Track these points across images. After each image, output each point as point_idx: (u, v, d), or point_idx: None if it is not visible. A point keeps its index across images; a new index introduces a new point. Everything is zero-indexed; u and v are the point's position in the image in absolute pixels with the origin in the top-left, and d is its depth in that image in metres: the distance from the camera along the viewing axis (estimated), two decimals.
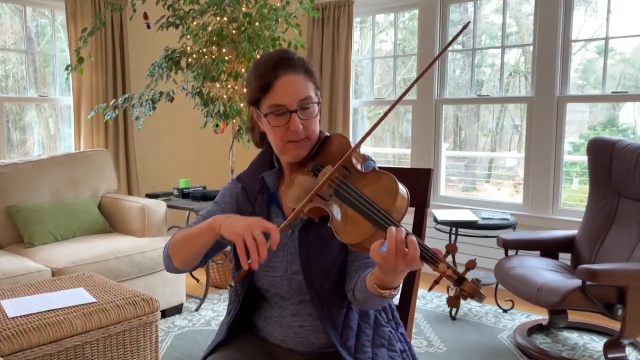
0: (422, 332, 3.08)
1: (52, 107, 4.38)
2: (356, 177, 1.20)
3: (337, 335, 1.27)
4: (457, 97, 4.38)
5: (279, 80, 1.24)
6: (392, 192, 1.12)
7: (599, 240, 2.99)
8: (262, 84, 1.25)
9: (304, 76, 1.27)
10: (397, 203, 1.11)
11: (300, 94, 1.25)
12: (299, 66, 1.26)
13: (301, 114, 1.25)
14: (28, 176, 3.33)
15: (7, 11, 4.10)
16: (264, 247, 1.07)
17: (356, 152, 1.24)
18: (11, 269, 2.68)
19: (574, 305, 2.53)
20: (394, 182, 1.14)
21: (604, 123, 4.07)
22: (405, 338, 1.39)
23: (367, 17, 4.77)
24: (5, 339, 1.83)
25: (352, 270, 1.29)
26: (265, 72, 1.24)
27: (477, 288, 1.01)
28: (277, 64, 1.24)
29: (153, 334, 2.25)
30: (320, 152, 1.31)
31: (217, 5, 3.49)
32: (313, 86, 1.29)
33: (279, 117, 1.25)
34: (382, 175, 1.17)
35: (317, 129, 1.31)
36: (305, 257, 1.27)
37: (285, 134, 1.25)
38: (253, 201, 1.35)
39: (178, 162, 4.86)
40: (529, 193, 3.85)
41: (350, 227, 1.12)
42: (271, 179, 1.34)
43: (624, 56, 3.84)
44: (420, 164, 4.33)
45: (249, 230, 1.08)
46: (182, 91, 3.68)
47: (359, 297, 1.22)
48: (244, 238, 1.07)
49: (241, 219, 1.14)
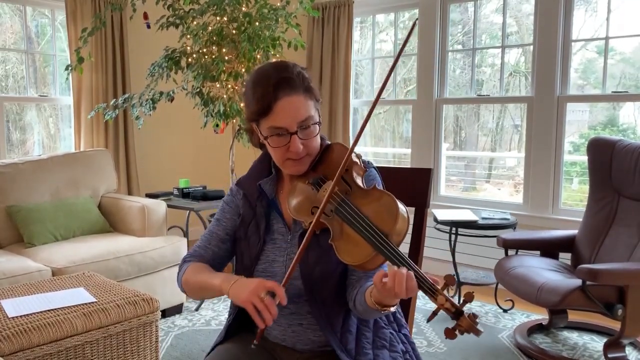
0: (422, 332, 3.08)
1: (52, 107, 4.38)
2: (357, 194, 1.19)
3: (336, 340, 1.27)
4: (457, 97, 4.38)
5: (279, 102, 1.21)
6: (393, 214, 1.12)
7: (599, 240, 2.99)
8: (261, 107, 1.23)
9: (304, 95, 1.24)
10: (397, 226, 1.11)
11: (300, 115, 1.23)
12: (299, 86, 1.24)
13: (301, 134, 1.24)
14: (28, 176, 3.33)
15: (7, 11, 4.10)
16: (273, 306, 1.12)
17: (357, 165, 1.24)
18: (11, 269, 2.68)
19: (574, 305, 2.53)
20: (394, 204, 1.13)
21: (604, 123, 4.07)
22: (408, 339, 1.39)
23: (367, 17, 4.77)
24: (5, 338, 1.83)
25: (353, 280, 1.29)
26: (264, 93, 1.22)
27: (473, 324, 1.03)
28: (276, 85, 1.21)
29: (153, 333, 2.25)
30: (321, 162, 1.31)
31: (217, 5, 3.49)
32: (313, 103, 1.27)
33: (279, 138, 1.24)
34: (383, 195, 1.16)
35: (318, 144, 1.30)
36: (304, 263, 1.27)
37: (286, 153, 1.25)
38: (254, 207, 1.35)
39: (178, 162, 4.86)
40: (529, 193, 3.85)
41: (351, 248, 1.12)
42: (268, 187, 1.35)
43: (624, 56, 3.84)
44: (420, 164, 4.33)
45: (255, 294, 1.13)
46: (182, 91, 3.68)
47: (359, 308, 1.23)
48: (253, 303, 1.13)
49: (246, 285, 1.17)
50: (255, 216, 1.34)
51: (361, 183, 1.23)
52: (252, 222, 1.34)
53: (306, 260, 1.27)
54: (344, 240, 1.14)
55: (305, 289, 1.27)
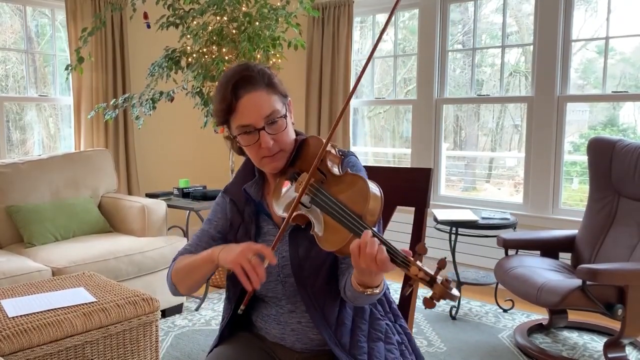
0: (422, 332, 3.08)
1: (52, 107, 4.38)
2: (331, 182, 1.21)
3: (330, 333, 1.28)
4: (457, 97, 4.38)
5: (241, 101, 1.24)
6: (364, 195, 1.13)
7: (599, 240, 2.99)
8: (224, 107, 1.26)
9: (266, 90, 1.26)
10: (369, 205, 1.11)
11: (264, 110, 1.24)
12: (260, 81, 1.25)
13: (269, 129, 1.25)
14: (28, 176, 3.33)
15: (7, 11, 4.10)
16: (261, 267, 1.14)
17: (331, 153, 1.25)
18: (11, 269, 2.68)
19: (574, 305, 2.53)
20: (364, 184, 1.14)
21: (604, 123, 4.07)
22: (405, 330, 1.39)
23: (367, 17, 4.77)
24: (5, 338, 1.83)
25: (343, 268, 1.30)
26: (225, 94, 1.25)
27: (447, 289, 1.01)
28: (236, 84, 1.24)
29: (153, 333, 2.25)
30: (298, 156, 1.32)
31: (217, 5, 3.49)
32: (278, 98, 1.28)
33: (248, 136, 1.26)
34: (354, 178, 1.18)
35: (291, 139, 1.31)
36: (296, 259, 1.29)
37: (259, 151, 1.27)
38: (242, 212, 1.36)
39: (178, 162, 4.86)
40: (529, 193, 3.85)
41: (329, 235, 1.13)
42: (253, 190, 1.36)
43: (624, 56, 3.84)
44: (420, 164, 4.33)
45: (243, 255, 1.14)
46: (182, 91, 3.68)
47: (349, 294, 1.24)
48: (241, 264, 1.14)
49: (234, 248, 1.19)
50: (243, 221, 1.36)
51: (337, 171, 1.24)
52: (240, 227, 1.36)
53: (297, 256, 1.28)
54: (322, 229, 1.15)
55: (298, 284, 1.29)
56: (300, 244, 1.29)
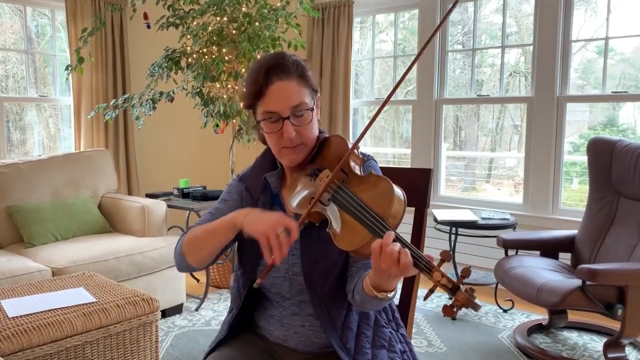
0: (422, 332, 3.08)
1: (52, 107, 4.38)
2: (353, 182, 1.19)
3: (336, 337, 1.27)
4: (457, 97, 4.38)
5: (271, 87, 1.23)
6: (388, 197, 1.11)
7: (599, 240, 2.99)
8: (254, 90, 1.24)
9: (297, 81, 1.25)
10: (392, 208, 1.10)
11: (292, 100, 1.23)
12: (293, 71, 1.24)
13: (294, 120, 1.24)
14: (28, 176, 3.33)
15: (7, 11, 4.10)
16: (287, 246, 1.10)
17: (354, 154, 1.24)
18: (11, 269, 2.68)
19: (574, 305, 2.53)
20: (390, 186, 1.13)
21: (604, 123, 4.08)
22: (406, 339, 1.38)
23: (367, 17, 4.77)
24: (5, 338, 1.83)
25: (353, 271, 1.28)
26: (257, 78, 1.23)
27: (470, 298, 1.00)
28: (269, 69, 1.23)
29: (153, 333, 2.25)
30: (319, 154, 1.31)
31: (217, 5, 3.49)
32: (308, 91, 1.27)
33: (272, 124, 1.24)
34: (379, 180, 1.16)
35: (314, 134, 1.30)
36: (306, 258, 1.27)
37: (280, 140, 1.25)
38: (256, 201, 1.35)
39: (178, 162, 4.86)
40: (528, 193, 3.85)
41: (347, 234, 1.12)
42: (274, 180, 1.34)
43: (624, 56, 3.84)
44: (420, 164, 4.33)
45: (273, 229, 1.10)
46: (182, 91, 3.68)
47: (357, 298, 1.22)
48: (269, 236, 1.10)
49: (264, 216, 1.15)
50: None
51: (358, 171, 1.23)
52: None
53: (308, 255, 1.27)
54: (341, 227, 1.13)
55: (307, 283, 1.27)
56: (312, 244, 1.26)
